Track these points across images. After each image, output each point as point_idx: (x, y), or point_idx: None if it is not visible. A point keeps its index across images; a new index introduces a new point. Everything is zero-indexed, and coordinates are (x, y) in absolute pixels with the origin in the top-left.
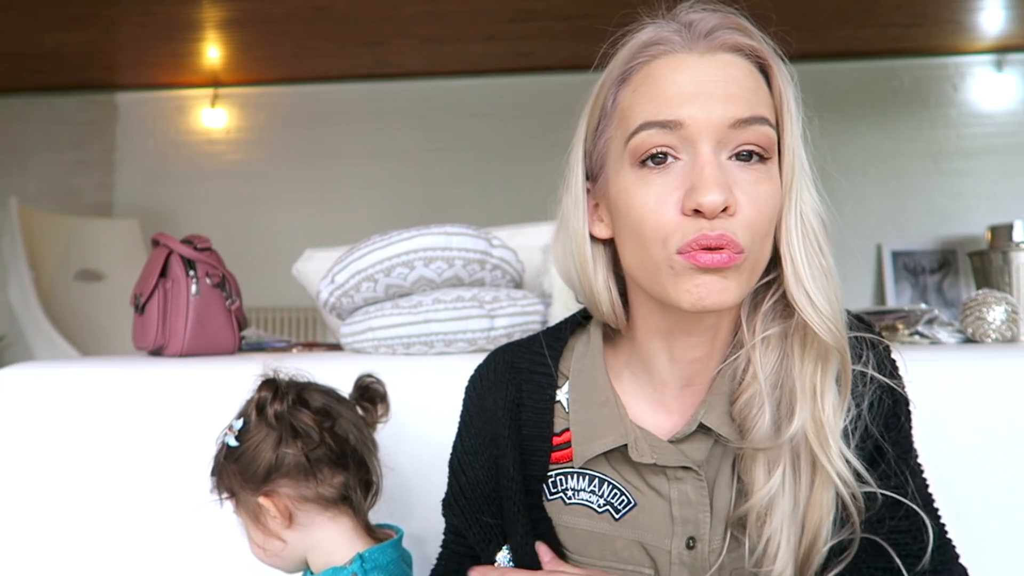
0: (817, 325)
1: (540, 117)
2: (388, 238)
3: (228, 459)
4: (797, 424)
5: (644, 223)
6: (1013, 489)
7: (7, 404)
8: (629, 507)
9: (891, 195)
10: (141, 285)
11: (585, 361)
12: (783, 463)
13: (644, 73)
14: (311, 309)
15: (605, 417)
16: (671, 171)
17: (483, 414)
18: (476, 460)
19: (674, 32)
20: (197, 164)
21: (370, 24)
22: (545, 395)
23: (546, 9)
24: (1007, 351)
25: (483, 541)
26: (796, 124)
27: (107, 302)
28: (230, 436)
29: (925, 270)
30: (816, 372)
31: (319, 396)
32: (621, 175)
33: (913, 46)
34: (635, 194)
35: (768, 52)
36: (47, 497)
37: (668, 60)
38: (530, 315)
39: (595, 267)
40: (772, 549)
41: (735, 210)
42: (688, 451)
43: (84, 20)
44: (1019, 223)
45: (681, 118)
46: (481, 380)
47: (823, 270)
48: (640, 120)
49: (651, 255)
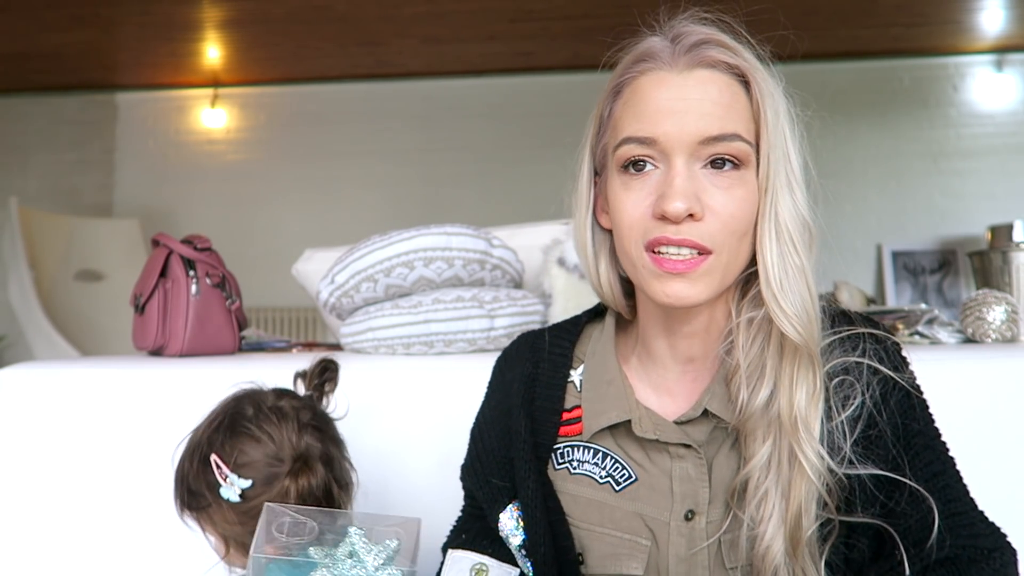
0: (784, 326)
1: (540, 117)
2: (388, 238)
3: (229, 506)
4: (765, 393)
5: (622, 222)
6: (1013, 489)
7: (7, 404)
8: (630, 481)
9: (891, 195)
10: (141, 285)
11: (599, 345)
12: (774, 435)
13: (632, 88)
14: (311, 309)
15: (612, 394)
16: (649, 178)
17: (503, 387)
18: (492, 430)
19: (661, 48)
20: (197, 164)
21: (370, 24)
22: (559, 373)
23: (546, 9)
24: (1007, 351)
25: (489, 501)
26: (774, 134)
27: (107, 302)
28: (229, 490)
29: (925, 270)
30: (792, 364)
31: (314, 436)
32: (612, 177)
33: (913, 46)
34: (619, 196)
35: (748, 67)
36: (47, 497)
37: (651, 77)
38: (530, 315)
39: (597, 254)
40: (764, 519)
41: (702, 215)
42: (690, 431)
43: (84, 20)
44: (1019, 223)
45: (656, 135)
46: (505, 358)
47: (796, 269)
48: (624, 134)
49: (629, 251)
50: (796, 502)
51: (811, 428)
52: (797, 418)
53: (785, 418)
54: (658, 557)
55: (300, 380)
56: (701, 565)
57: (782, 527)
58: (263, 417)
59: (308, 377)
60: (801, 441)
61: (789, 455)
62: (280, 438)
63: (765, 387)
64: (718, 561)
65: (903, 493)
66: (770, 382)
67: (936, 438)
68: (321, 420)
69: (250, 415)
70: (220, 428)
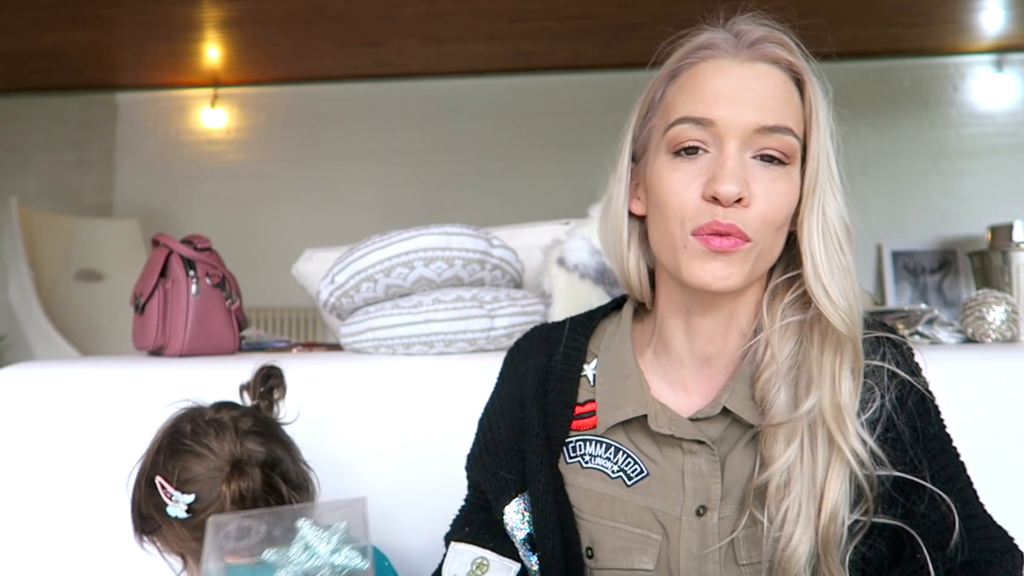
0: (831, 315)
1: (540, 117)
2: (388, 238)
3: (180, 523)
4: (813, 400)
5: (668, 202)
6: (1014, 489)
7: (7, 404)
8: (642, 476)
9: (891, 195)
10: (141, 285)
11: (614, 339)
12: (800, 437)
13: (691, 72)
14: (311, 309)
15: (628, 389)
16: (699, 161)
17: (515, 379)
18: (503, 420)
19: (724, 39)
20: (197, 164)
21: (370, 24)
22: (573, 367)
23: (546, 9)
24: (1007, 351)
25: (496, 493)
26: (823, 134)
27: (107, 302)
28: (175, 507)
29: (925, 270)
30: (835, 360)
31: (256, 441)
32: (658, 159)
33: (913, 46)
34: (666, 177)
35: (804, 68)
36: (47, 497)
37: (713, 64)
38: (530, 315)
39: (629, 240)
40: (790, 521)
41: (749, 202)
42: (705, 428)
43: (84, 20)
44: (1019, 223)
45: (714, 117)
46: (518, 349)
47: (842, 268)
48: (680, 114)
49: (670, 232)
50: (830, 503)
51: (853, 416)
52: (842, 409)
53: (828, 414)
54: (669, 552)
55: (245, 392)
56: (712, 560)
57: (810, 528)
58: (201, 431)
59: (252, 387)
60: (847, 432)
61: (825, 455)
62: (220, 449)
63: (813, 393)
64: (730, 557)
65: (922, 496)
66: (818, 388)
67: (950, 442)
68: (264, 425)
69: (188, 431)
70: (161, 450)
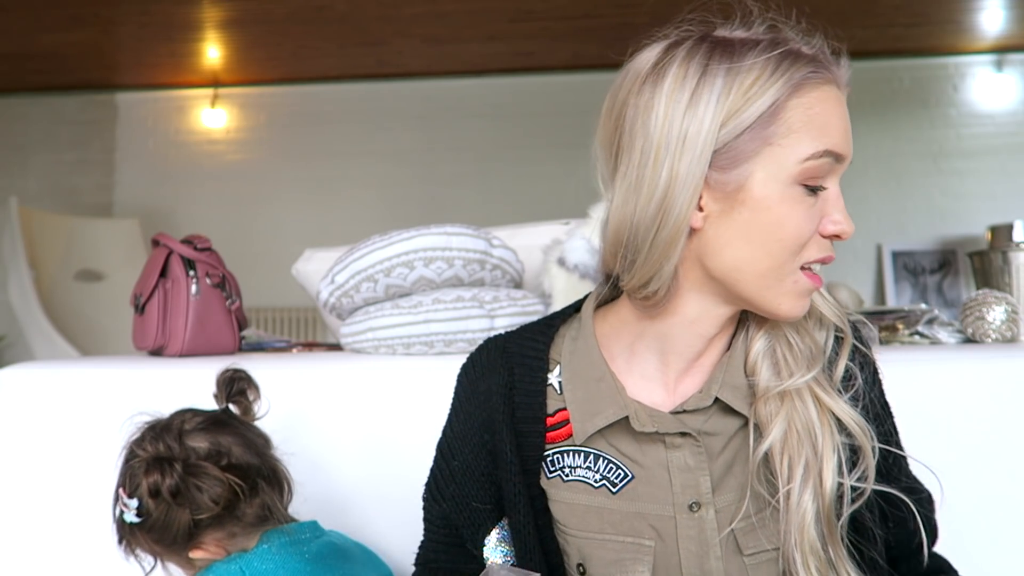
0: (819, 303)
1: (540, 117)
2: (388, 238)
3: (138, 529)
4: (802, 366)
5: (786, 234)
6: (1013, 489)
7: (7, 404)
8: (626, 480)
9: (891, 195)
10: (141, 285)
11: (578, 343)
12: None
13: (817, 95)
14: (311, 309)
15: (603, 392)
16: (819, 197)
17: (475, 399)
18: (466, 445)
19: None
20: (197, 164)
21: (370, 24)
22: (537, 378)
23: (546, 9)
24: (1007, 351)
25: (472, 526)
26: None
27: (107, 302)
28: (129, 513)
29: (925, 270)
30: (819, 335)
31: (201, 436)
32: (777, 183)
33: (913, 46)
34: (791, 209)
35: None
36: (47, 497)
37: (830, 90)
38: (530, 315)
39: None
40: (797, 476)
41: None
42: (686, 420)
43: (84, 20)
44: (1019, 223)
45: (846, 154)
46: (474, 366)
47: None
48: (822, 146)
49: (775, 261)
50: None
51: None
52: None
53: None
54: (666, 554)
55: (214, 399)
56: (714, 556)
57: (813, 497)
58: (148, 438)
59: (218, 392)
60: (832, 393)
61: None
62: (156, 450)
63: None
64: (732, 549)
65: (895, 462)
66: (795, 352)
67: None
68: (213, 423)
69: (137, 440)
70: (121, 466)
